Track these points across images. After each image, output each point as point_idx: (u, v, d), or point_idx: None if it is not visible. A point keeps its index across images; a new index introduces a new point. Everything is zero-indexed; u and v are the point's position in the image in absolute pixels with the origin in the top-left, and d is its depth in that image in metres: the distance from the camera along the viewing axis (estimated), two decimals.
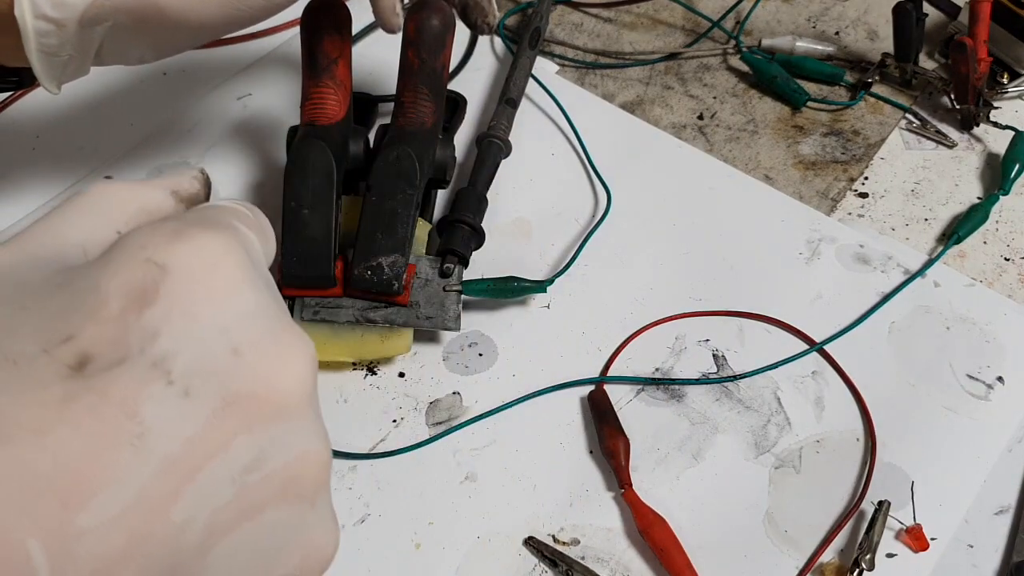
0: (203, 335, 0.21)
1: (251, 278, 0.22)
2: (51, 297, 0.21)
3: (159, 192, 0.26)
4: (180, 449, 0.20)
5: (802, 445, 0.49)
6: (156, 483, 0.19)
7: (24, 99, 0.63)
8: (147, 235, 0.21)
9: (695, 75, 0.69)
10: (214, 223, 0.23)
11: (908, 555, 0.45)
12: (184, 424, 0.20)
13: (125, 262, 0.21)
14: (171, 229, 0.22)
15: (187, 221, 0.22)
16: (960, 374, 0.51)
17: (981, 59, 0.62)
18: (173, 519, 0.20)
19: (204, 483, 0.20)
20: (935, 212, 0.60)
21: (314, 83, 0.51)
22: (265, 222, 0.27)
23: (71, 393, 0.19)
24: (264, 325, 0.22)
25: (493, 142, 0.58)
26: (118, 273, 0.21)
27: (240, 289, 0.22)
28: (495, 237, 0.56)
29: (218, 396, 0.20)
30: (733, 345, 0.53)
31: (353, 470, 0.47)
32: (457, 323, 0.50)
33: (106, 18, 0.39)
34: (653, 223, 0.58)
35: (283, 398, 0.22)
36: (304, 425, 0.22)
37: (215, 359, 0.21)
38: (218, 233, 0.22)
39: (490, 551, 0.45)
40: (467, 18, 0.52)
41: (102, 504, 0.18)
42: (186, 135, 0.62)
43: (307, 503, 0.23)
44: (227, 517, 0.21)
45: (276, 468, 0.22)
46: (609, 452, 0.47)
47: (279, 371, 0.22)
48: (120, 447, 0.19)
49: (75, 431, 0.19)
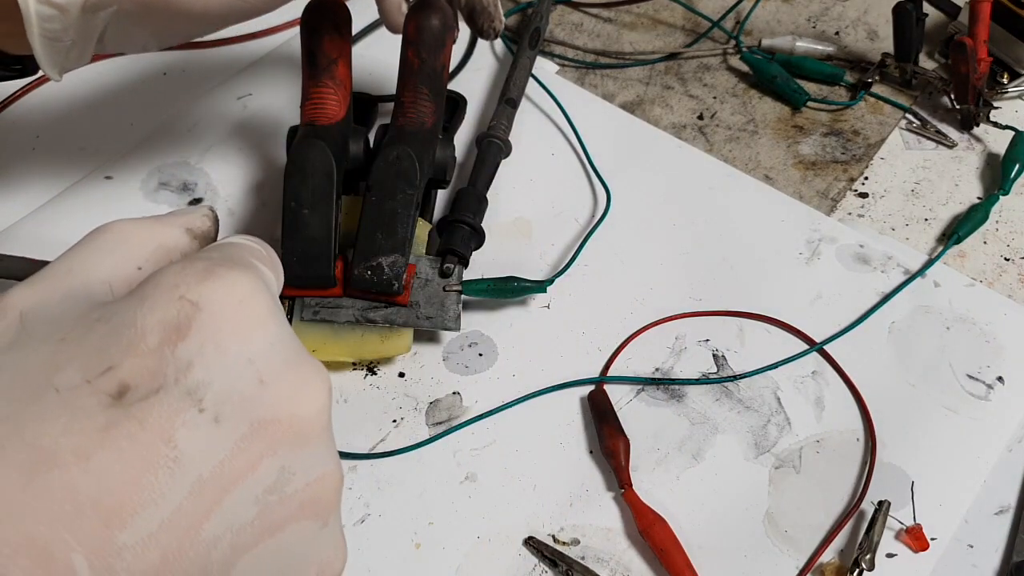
0: (232, 366, 0.23)
1: (274, 313, 0.24)
2: (89, 331, 0.22)
3: (175, 230, 0.28)
4: (211, 472, 0.22)
5: (802, 445, 0.49)
6: (189, 503, 0.21)
7: (24, 99, 0.63)
8: (179, 274, 0.23)
9: (695, 75, 0.69)
10: (238, 262, 0.25)
11: (908, 555, 0.45)
12: (215, 449, 0.22)
13: (160, 299, 0.23)
14: (202, 268, 0.24)
15: (214, 260, 0.24)
16: (960, 374, 0.51)
17: (981, 59, 0.62)
18: (203, 537, 0.21)
19: (232, 503, 0.22)
20: (935, 212, 0.60)
21: (314, 83, 0.51)
22: (275, 256, 0.29)
23: (112, 420, 0.21)
24: (286, 356, 0.24)
25: (493, 142, 0.58)
26: (154, 309, 0.22)
27: (265, 324, 0.24)
28: (495, 237, 0.56)
29: (246, 422, 0.22)
30: (733, 345, 0.53)
31: (353, 470, 0.47)
32: (457, 323, 0.50)
33: (110, 3, 0.39)
34: (653, 223, 0.58)
35: (304, 424, 0.23)
36: (322, 449, 0.24)
37: (243, 388, 0.23)
38: (244, 272, 0.24)
39: (490, 551, 0.45)
40: (474, 23, 0.52)
41: (140, 523, 0.20)
42: (186, 135, 0.62)
43: (322, 521, 0.25)
44: (251, 534, 0.22)
45: (296, 489, 0.23)
46: (609, 452, 0.47)
47: (301, 399, 0.24)
48: (157, 470, 0.21)
49: (116, 456, 0.20)
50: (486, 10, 0.51)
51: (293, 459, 0.23)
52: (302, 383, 0.24)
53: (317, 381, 0.24)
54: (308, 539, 0.24)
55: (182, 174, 0.60)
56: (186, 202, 0.58)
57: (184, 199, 0.58)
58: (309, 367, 0.24)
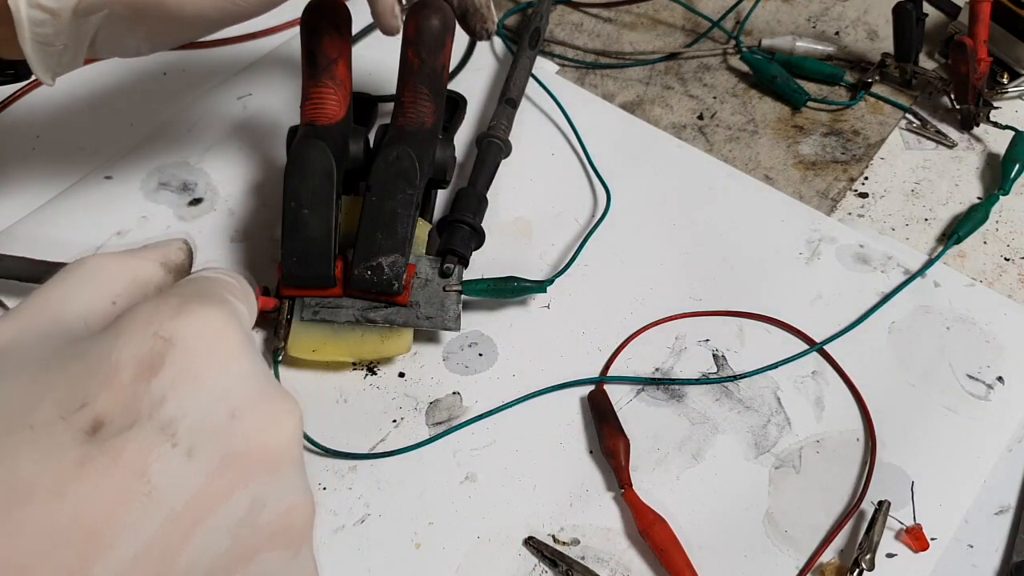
0: (205, 400, 0.23)
1: (245, 348, 0.25)
2: (65, 367, 0.23)
3: (149, 264, 0.28)
4: (184, 504, 0.22)
5: (802, 445, 0.49)
6: (163, 536, 0.21)
7: (24, 99, 0.63)
8: (153, 310, 0.24)
9: (695, 75, 0.69)
10: (211, 297, 0.25)
11: (908, 555, 0.45)
12: (188, 482, 0.22)
13: (135, 335, 0.23)
14: (175, 304, 0.24)
15: (187, 296, 0.25)
16: (960, 374, 0.51)
17: (981, 59, 0.62)
18: (177, 568, 0.22)
19: (205, 534, 0.22)
20: (935, 212, 0.60)
21: (314, 83, 0.51)
22: (248, 288, 0.29)
23: (87, 456, 0.21)
24: (257, 389, 0.24)
25: (493, 142, 0.58)
26: (128, 345, 0.23)
27: (236, 358, 0.24)
28: (495, 237, 0.56)
29: (218, 455, 0.23)
30: (733, 345, 0.53)
31: (353, 470, 0.47)
32: (457, 323, 0.50)
33: (101, 7, 0.39)
34: (653, 223, 0.58)
35: (275, 456, 0.24)
36: (292, 480, 0.25)
37: (215, 422, 0.23)
38: (216, 308, 0.25)
39: (490, 551, 0.45)
40: (467, 24, 0.52)
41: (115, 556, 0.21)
42: (186, 135, 0.62)
43: (293, 551, 0.25)
44: (223, 565, 0.23)
45: (268, 519, 0.24)
46: (609, 452, 0.47)
47: (271, 431, 0.24)
48: (131, 504, 0.21)
49: (91, 491, 0.21)
50: (479, 11, 0.51)
51: (264, 490, 0.24)
52: (273, 415, 0.24)
53: (288, 413, 0.25)
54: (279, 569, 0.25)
55: (182, 174, 0.60)
56: (186, 202, 0.58)
57: (184, 199, 0.58)
58: (279, 400, 0.25)
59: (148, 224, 0.57)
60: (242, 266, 0.55)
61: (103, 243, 0.55)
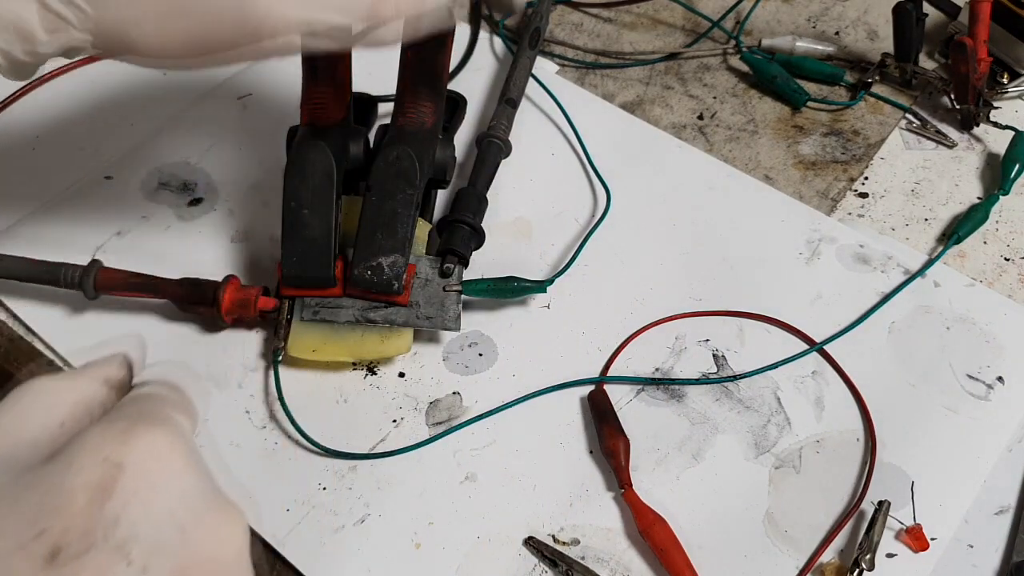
0: (155, 518, 0.25)
1: (190, 464, 0.27)
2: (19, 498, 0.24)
3: (92, 384, 0.30)
4: None
5: (802, 445, 0.49)
6: None
7: (24, 99, 0.63)
8: (101, 436, 0.26)
9: (695, 75, 0.69)
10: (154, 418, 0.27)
11: (908, 555, 0.45)
12: None
13: (86, 462, 0.25)
14: (121, 429, 0.26)
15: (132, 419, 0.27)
16: (960, 374, 0.51)
17: (981, 59, 0.62)
18: None
19: None
20: (935, 212, 0.60)
21: (314, 83, 0.51)
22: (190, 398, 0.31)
23: None
24: (203, 503, 0.26)
25: (493, 142, 0.58)
26: (80, 473, 0.25)
27: (182, 476, 0.26)
28: (495, 237, 0.56)
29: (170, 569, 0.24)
30: (733, 345, 0.53)
31: (353, 470, 0.47)
32: (457, 323, 0.50)
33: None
34: (653, 223, 0.58)
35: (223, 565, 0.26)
36: None
37: (167, 537, 0.25)
38: (160, 428, 0.27)
39: (490, 551, 0.45)
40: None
41: None
42: (186, 135, 0.62)
43: None
44: None
45: None
46: (609, 452, 0.47)
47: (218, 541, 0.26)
48: None
49: None
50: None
51: None
52: (219, 526, 0.26)
53: (233, 523, 0.27)
54: None
55: (182, 174, 0.60)
56: (186, 202, 0.58)
57: (184, 199, 0.58)
58: (224, 512, 0.27)
59: (148, 224, 0.57)
60: (242, 266, 0.55)
61: (103, 243, 0.55)
